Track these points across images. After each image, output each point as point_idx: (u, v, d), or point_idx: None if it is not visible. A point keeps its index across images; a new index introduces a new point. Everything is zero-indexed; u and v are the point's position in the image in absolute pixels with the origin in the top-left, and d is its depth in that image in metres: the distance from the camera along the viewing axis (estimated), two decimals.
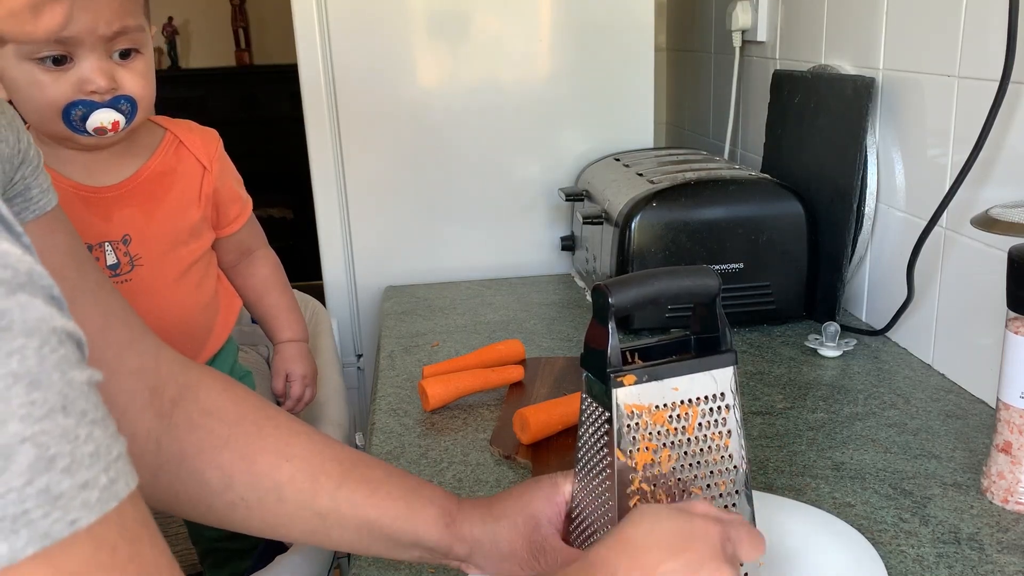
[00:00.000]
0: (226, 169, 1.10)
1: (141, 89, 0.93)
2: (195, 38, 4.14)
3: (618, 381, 0.59)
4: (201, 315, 1.08)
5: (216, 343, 1.11)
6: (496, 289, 1.52)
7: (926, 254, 1.05)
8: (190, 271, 1.06)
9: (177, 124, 1.08)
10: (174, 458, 0.62)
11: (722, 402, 0.62)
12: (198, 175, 1.07)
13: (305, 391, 1.20)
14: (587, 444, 0.63)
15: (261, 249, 1.19)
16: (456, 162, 1.57)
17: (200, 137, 1.08)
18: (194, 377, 0.65)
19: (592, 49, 1.55)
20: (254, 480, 0.63)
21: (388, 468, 0.69)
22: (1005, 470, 0.79)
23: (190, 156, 1.07)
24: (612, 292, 0.59)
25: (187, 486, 0.62)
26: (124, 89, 0.91)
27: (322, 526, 0.65)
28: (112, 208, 1.01)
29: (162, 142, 1.05)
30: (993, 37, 0.93)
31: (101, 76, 0.88)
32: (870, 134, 1.18)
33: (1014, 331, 0.76)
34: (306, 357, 1.21)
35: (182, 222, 1.05)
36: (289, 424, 0.66)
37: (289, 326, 1.20)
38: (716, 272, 0.63)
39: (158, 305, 1.03)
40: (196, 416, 0.63)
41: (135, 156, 1.03)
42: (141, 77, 0.93)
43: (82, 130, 0.91)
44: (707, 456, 0.62)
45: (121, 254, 1.01)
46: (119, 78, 0.91)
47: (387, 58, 1.51)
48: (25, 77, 0.88)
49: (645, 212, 1.22)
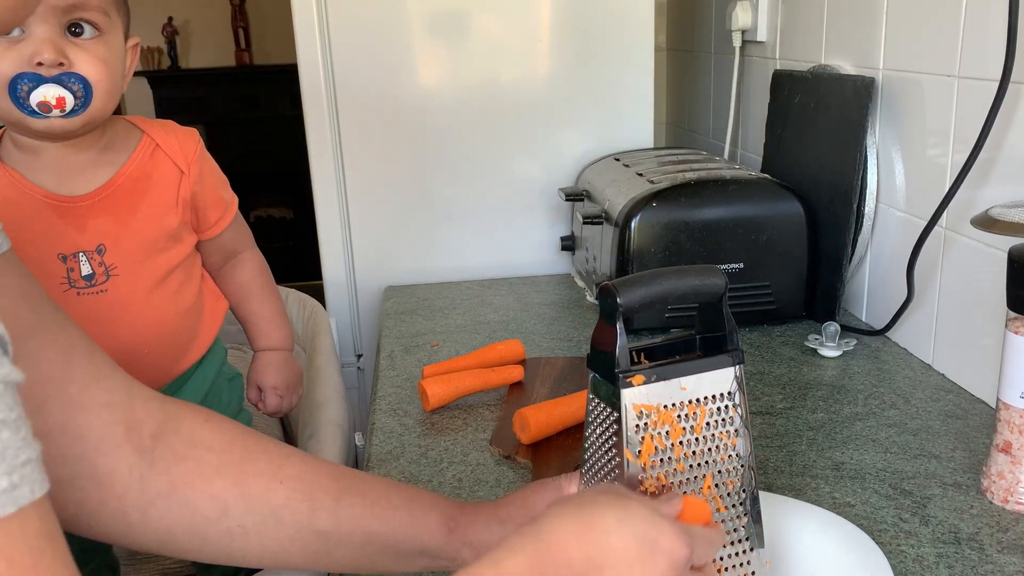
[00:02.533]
0: (206, 171, 1.06)
1: (97, 72, 0.90)
2: (195, 38, 4.15)
3: (627, 382, 0.59)
4: (182, 321, 1.05)
5: (201, 348, 1.08)
6: (496, 289, 1.52)
7: (926, 254, 1.05)
8: (169, 278, 1.03)
9: (154, 126, 1.04)
10: (163, 491, 0.60)
11: (730, 401, 0.62)
12: (175, 180, 1.02)
13: (280, 402, 1.16)
14: (594, 445, 0.63)
15: (247, 251, 1.15)
16: (456, 162, 1.57)
17: (178, 139, 1.04)
18: (172, 411, 0.63)
19: (592, 49, 1.55)
20: (250, 505, 0.61)
21: (384, 480, 0.68)
22: (1005, 470, 0.79)
23: (167, 160, 1.02)
24: (620, 292, 0.59)
25: (180, 518, 0.60)
26: (76, 68, 0.88)
27: (324, 546, 0.63)
28: (86, 217, 0.97)
29: (138, 146, 1.01)
30: (993, 37, 0.93)
31: (48, 48, 0.85)
32: (870, 134, 1.18)
33: (1014, 331, 0.76)
34: (281, 367, 1.16)
35: (159, 229, 1.01)
36: (278, 447, 0.65)
37: (267, 334, 1.16)
38: (722, 271, 0.63)
39: (135, 314, 1.00)
40: (181, 448, 0.61)
41: (109, 163, 0.99)
42: (99, 60, 0.90)
43: (28, 107, 0.87)
44: (715, 455, 0.62)
45: (96, 264, 0.97)
46: (72, 55, 0.88)
47: (387, 58, 1.51)
48: None
49: (645, 212, 1.22)
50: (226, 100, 4.07)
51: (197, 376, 1.08)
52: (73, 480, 0.58)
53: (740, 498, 0.63)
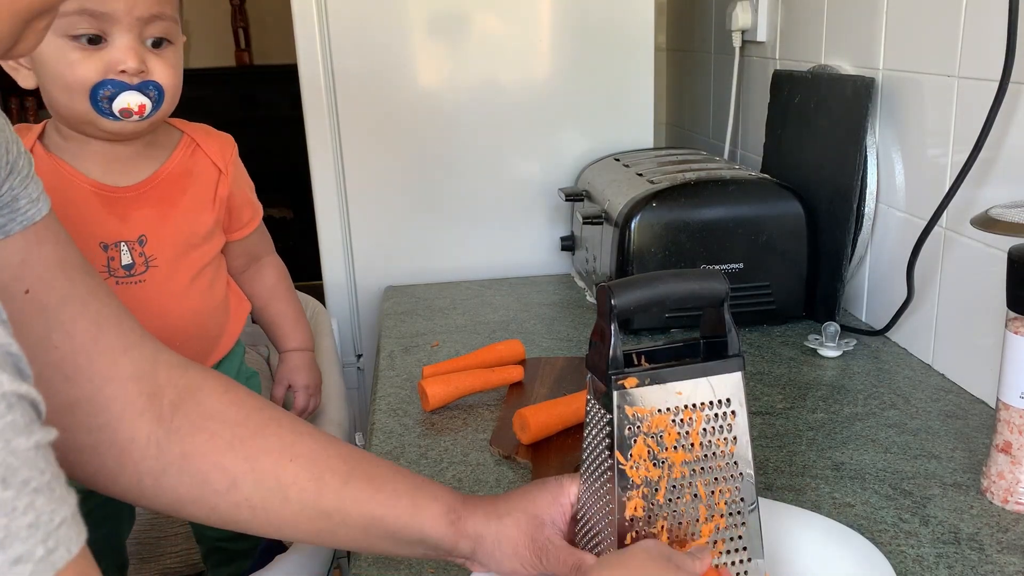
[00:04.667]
0: (240, 174, 1.11)
1: (170, 79, 0.94)
2: (195, 38, 4.14)
3: (619, 384, 0.59)
4: (212, 317, 1.09)
5: (227, 345, 1.12)
6: (496, 289, 1.52)
7: (926, 254, 1.05)
8: (202, 273, 1.07)
9: (194, 128, 1.09)
10: (176, 460, 0.62)
11: (728, 408, 0.62)
12: (213, 178, 1.08)
13: (309, 402, 1.20)
14: (591, 446, 0.63)
15: (269, 256, 1.20)
16: (456, 162, 1.57)
17: (216, 141, 1.09)
18: (194, 380, 0.65)
19: (592, 49, 1.55)
20: (258, 480, 0.63)
21: (392, 465, 0.69)
22: (1005, 470, 0.79)
23: (206, 159, 1.07)
24: (615, 293, 0.59)
25: (191, 488, 0.62)
26: (153, 76, 0.92)
27: (328, 525, 0.65)
28: (129, 208, 1.01)
29: (179, 144, 1.06)
30: (993, 37, 0.93)
31: (133, 57, 0.89)
32: (870, 134, 1.18)
33: (1014, 331, 0.76)
34: (311, 367, 1.21)
35: (196, 225, 1.06)
36: (292, 424, 0.66)
37: (294, 335, 1.20)
38: (724, 276, 0.62)
39: (171, 307, 1.03)
40: (198, 419, 0.63)
41: (153, 157, 1.03)
42: (171, 67, 0.94)
43: (108, 112, 0.92)
44: (712, 462, 0.61)
45: (136, 254, 1.01)
46: (150, 64, 0.92)
47: (387, 58, 1.51)
48: (56, 53, 0.89)
49: (645, 212, 1.22)
50: (226, 100, 4.06)
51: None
52: (96, 446, 0.60)
53: (738, 507, 0.63)
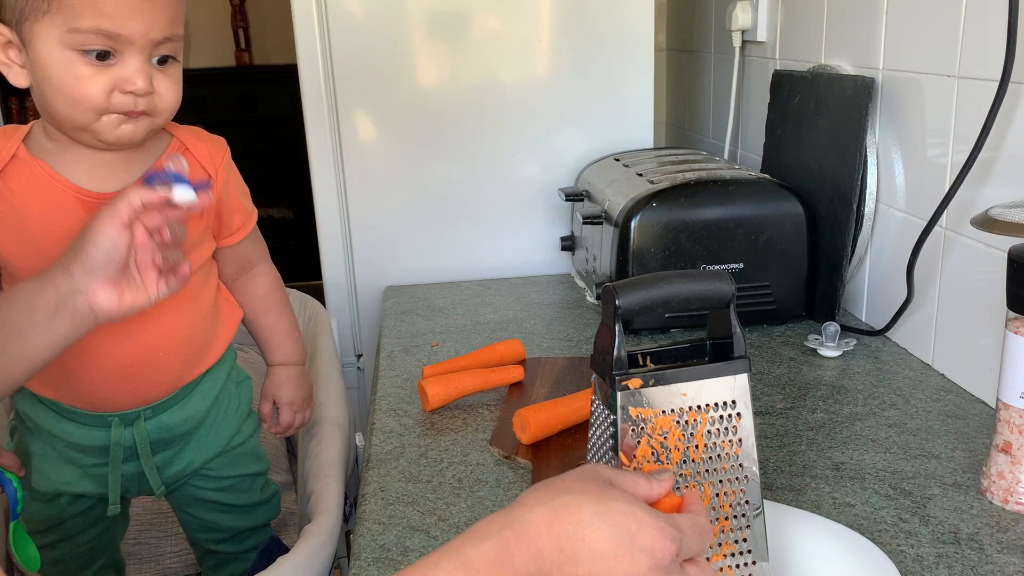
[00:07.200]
0: (232, 179, 1.08)
1: (173, 96, 0.94)
2: (195, 38, 4.14)
3: (623, 384, 0.58)
4: (200, 325, 1.07)
5: (217, 352, 1.10)
6: (496, 289, 1.52)
7: (926, 254, 1.05)
8: (189, 281, 1.02)
9: (184, 131, 1.06)
10: None
11: (732, 410, 0.62)
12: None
13: (295, 417, 1.17)
14: (595, 446, 0.63)
15: (262, 265, 1.16)
16: (456, 162, 1.57)
17: (207, 145, 1.06)
18: None
19: (592, 49, 1.55)
20: None
21: None
22: (1005, 470, 0.79)
23: (195, 164, 1.04)
24: (619, 294, 0.59)
25: None
26: (159, 94, 0.92)
27: None
28: None
29: (167, 148, 1.03)
30: (993, 37, 0.93)
31: (143, 79, 0.89)
32: (870, 134, 1.18)
33: (1014, 331, 0.76)
34: (297, 382, 1.17)
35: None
36: None
37: (283, 348, 1.17)
38: (730, 277, 0.62)
39: (157, 315, 1.00)
40: None
41: (140, 162, 1.01)
42: (174, 83, 0.94)
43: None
44: (716, 464, 0.61)
45: None
46: (156, 83, 0.91)
47: (387, 58, 1.51)
48: (65, 66, 0.88)
49: (645, 212, 1.22)
50: (226, 100, 4.06)
51: (208, 380, 1.09)
52: None
53: (743, 509, 0.62)
